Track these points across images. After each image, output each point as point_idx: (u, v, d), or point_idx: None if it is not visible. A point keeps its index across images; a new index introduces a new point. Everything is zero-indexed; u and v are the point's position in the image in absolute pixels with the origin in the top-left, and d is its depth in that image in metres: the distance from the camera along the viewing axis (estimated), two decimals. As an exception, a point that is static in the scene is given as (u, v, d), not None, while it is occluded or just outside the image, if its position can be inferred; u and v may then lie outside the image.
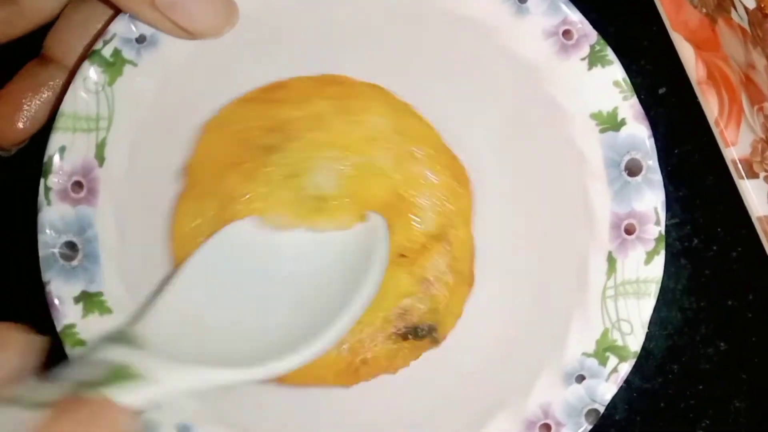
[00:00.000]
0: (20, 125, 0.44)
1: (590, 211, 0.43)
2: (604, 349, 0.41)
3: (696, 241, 0.52)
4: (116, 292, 0.42)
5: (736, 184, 0.49)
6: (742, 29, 0.54)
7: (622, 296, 0.41)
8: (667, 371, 0.50)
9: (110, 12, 0.43)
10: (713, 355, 0.50)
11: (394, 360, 0.42)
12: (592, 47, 0.42)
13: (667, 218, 0.51)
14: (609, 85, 0.42)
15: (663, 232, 0.41)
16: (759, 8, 0.54)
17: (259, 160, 0.43)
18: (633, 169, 0.42)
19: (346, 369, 0.43)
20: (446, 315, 0.42)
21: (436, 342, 0.42)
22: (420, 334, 0.42)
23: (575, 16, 0.42)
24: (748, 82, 0.52)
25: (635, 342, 0.41)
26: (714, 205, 0.52)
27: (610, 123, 0.42)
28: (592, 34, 0.42)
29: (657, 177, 0.41)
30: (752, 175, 0.50)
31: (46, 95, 0.44)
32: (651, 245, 0.41)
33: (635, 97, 0.42)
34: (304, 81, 0.43)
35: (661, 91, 0.53)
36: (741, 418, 0.50)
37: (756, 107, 0.51)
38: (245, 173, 0.43)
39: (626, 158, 0.42)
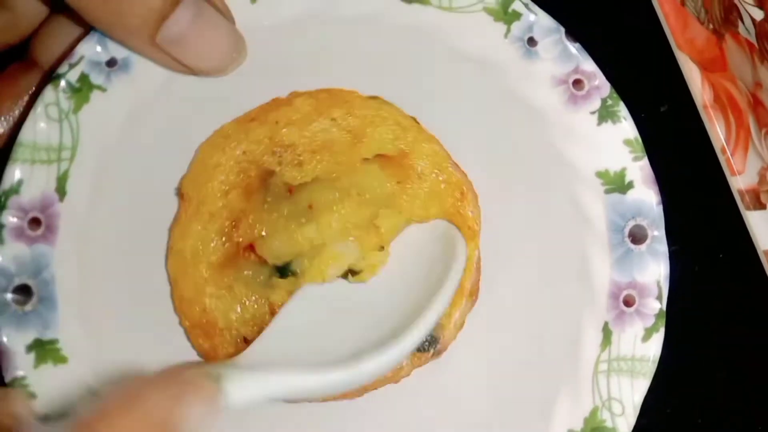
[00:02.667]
0: None
1: (589, 276, 0.40)
2: (592, 429, 0.39)
3: (697, 268, 0.50)
4: (74, 337, 0.39)
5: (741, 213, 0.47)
6: (750, 44, 0.52)
7: (615, 373, 0.39)
8: (667, 403, 0.48)
9: None
10: (715, 386, 0.49)
11: (399, 371, 0.40)
12: (603, 101, 0.39)
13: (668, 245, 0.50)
14: (619, 143, 0.39)
15: (664, 309, 0.39)
16: (766, 19, 0.52)
17: (262, 184, 0.40)
18: (637, 237, 0.39)
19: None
20: (448, 327, 0.40)
21: (438, 354, 0.40)
22: (423, 347, 0.40)
23: (588, 66, 0.39)
24: (756, 104, 0.50)
25: (625, 425, 0.38)
26: (717, 233, 0.50)
27: (617, 184, 0.39)
28: (605, 87, 0.39)
29: (663, 248, 0.39)
30: (759, 206, 0.48)
31: (26, 100, 0.41)
32: (650, 321, 0.39)
33: (646, 158, 0.39)
34: (307, 99, 0.41)
35: (663, 108, 0.51)
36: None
37: (764, 130, 0.49)
38: (248, 198, 0.40)
39: (631, 224, 0.39)
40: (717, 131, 0.48)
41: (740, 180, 0.48)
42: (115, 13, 0.35)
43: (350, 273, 0.40)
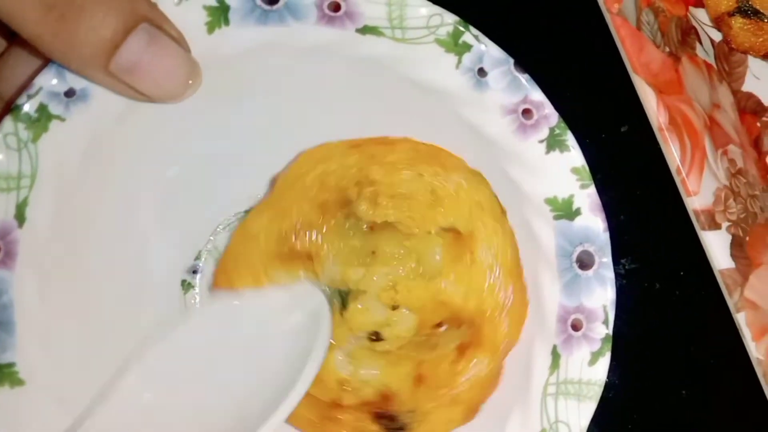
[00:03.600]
0: None
1: (540, 299, 0.41)
2: (540, 451, 0.40)
3: (657, 286, 0.51)
4: (32, 361, 0.39)
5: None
6: (708, 65, 0.53)
7: (563, 396, 0.40)
8: (627, 421, 0.49)
9: None
10: (675, 404, 0.50)
11: None
12: (551, 130, 0.40)
13: (627, 263, 0.50)
14: (566, 171, 0.40)
15: (610, 333, 0.39)
16: (726, 41, 0.53)
17: (340, 208, 0.41)
18: (585, 262, 0.40)
19: (319, 419, 0.41)
20: (422, 422, 0.40)
21: None
22: (391, 426, 0.40)
23: (537, 96, 0.40)
24: (713, 125, 0.51)
25: (572, 447, 0.39)
26: (675, 250, 0.50)
27: (565, 211, 0.40)
28: (553, 117, 0.40)
29: (609, 274, 0.40)
30: (714, 226, 0.49)
31: None
32: (597, 345, 0.40)
33: (593, 187, 0.40)
34: (412, 146, 0.42)
35: (623, 129, 0.52)
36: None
37: (720, 151, 0.50)
38: (321, 213, 0.41)
39: (578, 250, 0.40)
40: (672, 153, 0.49)
41: (696, 200, 0.49)
42: (67, 43, 0.35)
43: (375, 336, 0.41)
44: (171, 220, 0.44)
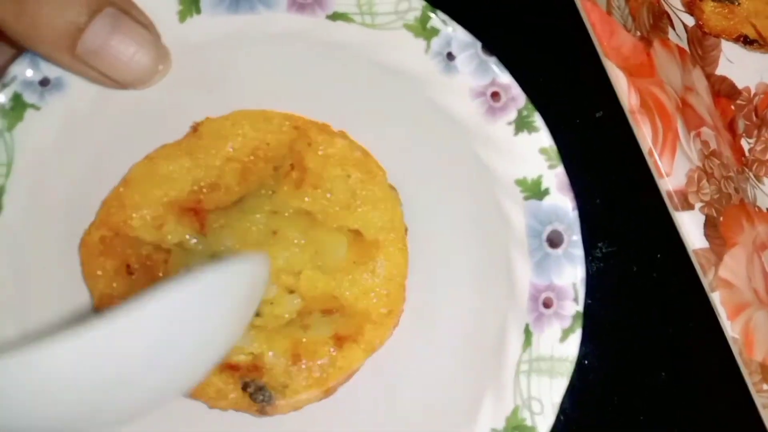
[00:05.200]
0: None
1: (512, 279, 0.42)
2: (513, 427, 0.40)
3: (635, 269, 0.51)
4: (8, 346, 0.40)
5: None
6: (680, 49, 0.53)
7: (535, 373, 0.40)
8: (606, 403, 0.50)
9: None
10: (654, 385, 0.50)
11: (218, 401, 0.41)
12: (519, 111, 0.41)
13: (604, 246, 0.51)
14: (535, 152, 0.41)
15: (581, 311, 0.40)
16: (698, 25, 0.53)
17: (261, 176, 0.42)
18: (554, 241, 0.41)
19: None
20: (286, 397, 0.41)
21: (263, 413, 0.41)
22: (256, 397, 0.41)
23: (504, 79, 0.40)
24: (685, 107, 0.51)
25: (544, 423, 0.40)
26: (651, 233, 0.51)
27: (534, 191, 0.41)
28: (521, 98, 0.40)
29: (578, 252, 0.40)
30: (687, 206, 0.49)
31: None
32: (567, 322, 0.40)
33: (561, 166, 0.40)
34: (349, 143, 0.43)
35: (598, 114, 0.52)
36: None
37: (693, 133, 0.51)
38: (243, 178, 0.42)
39: (548, 229, 0.41)
40: (644, 135, 0.49)
41: (668, 182, 0.49)
42: (30, 25, 0.35)
43: None
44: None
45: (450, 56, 0.40)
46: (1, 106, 0.39)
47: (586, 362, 0.40)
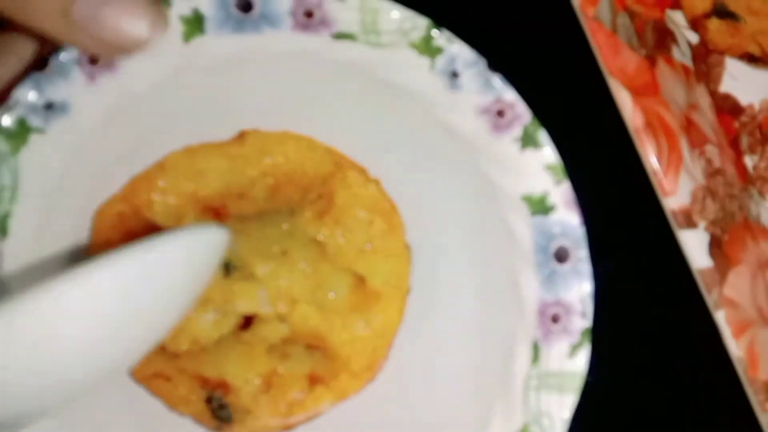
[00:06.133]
0: None
1: (520, 294, 0.41)
2: (523, 444, 0.40)
3: (637, 287, 0.51)
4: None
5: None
6: (685, 67, 0.53)
7: (545, 388, 0.40)
8: (609, 421, 0.50)
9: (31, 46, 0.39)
10: (656, 404, 0.50)
11: (178, 405, 0.41)
12: (525, 128, 0.41)
13: (605, 264, 0.51)
14: (540, 168, 0.41)
15: (589, 326, 0.40)
16: (702, 42, 0.53)
17: (285, 197, 0.42)
18: (561, 257, 0.41)
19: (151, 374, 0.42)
20: (244, 422, 0.41)
21: (218, 430, 0.41)
22: (217, 413, 0.41)
23: (509, 96, 0.41)
24: (689, 125, 0.51)
25: (555, 439, 0.40)
26: (653, 251, 0.51)
27: (540, 207, 0.41)
28: (526, 115, 0.41)
29: (586, 267, 0.40)
30: (691, 225, 0.49)
31: None
32: (576, 338, 0.40)
33: (567, 182, 0.40)
34: (377, 191, 0.43)
35: (600, 132, 0.52)
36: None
37: (697, 151, 0.51)
38: (271, 193, 0.42)
39: (555, 245, 0.41)
40: (649, 154, 0.49)
41: (672, 201, 0.49)
42: None
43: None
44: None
45: (455, 74, 0.41)
46: (5, 131, 0.39)
47: (589, 379, 0.40)
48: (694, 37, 0.55)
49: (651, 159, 0.49)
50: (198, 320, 0.41)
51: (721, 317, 0.48)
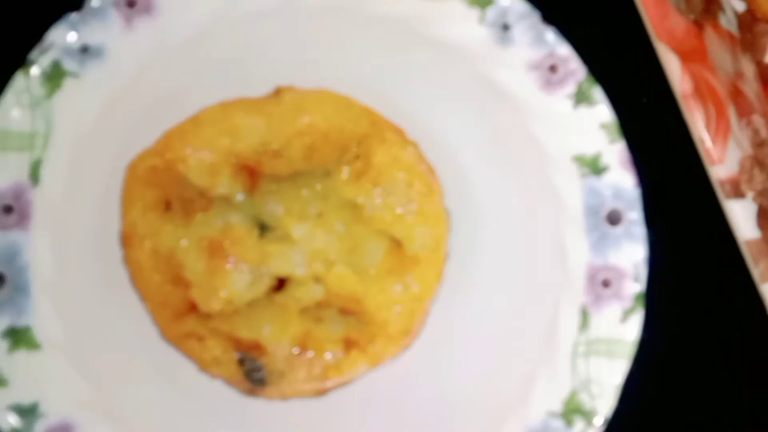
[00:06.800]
0: None
1: (565, 259, 0.40)
2: (571, 410, 0.38)
3: (680, 257, 0.50)
4: (48, 325, 0.38)
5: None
6: (731, 35, 0.52)
7: (594, 355, 0.39)
8: (663, 388, 0.48)
9: None
10: (701, 377, 0.48)
11: (210, 366, 0.40)
12: (579, 85, 0.39)
13: (650, 234, 0.49)
14: (595, 126, 0.39)
15: (643, 291, 0.38)
16: (749, 11, 0.52)
17: (321, 158, 0.41)
18: (614, 219, 0.39)
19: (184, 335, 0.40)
20: (279, 384, 0.39)
21: (251, 393, 0.40)
22: (251, 375, 0.39)
23: (563, 50, 0.39)
24: (737, 94, 0.50)
25: (604, 406, 0.38)
26: (698, 223, 0.49)
27: (593, 167, 0.39)
28: (581, 71, 0.39)
29: (640, 230, 0.39)
30: (739, 195, 0.48)
31: None
32: (628, 303, 0.39)
33: (623, 142, 0.39)
34: (417, 155, 0.41)
35: (644, 100, 0.51)
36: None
37: (744, 120, 0.49)
38: (307, 153, 0.41)
39: (607, 207, 0.39)
40: (696, 121, 0.48)
41: (720, 170, 0.48)
42: None
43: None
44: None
45: (506, 27, 0.39)
46: (39, 73, 0.37)
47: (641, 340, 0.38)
48: (740, 5, 0.54)
49: (699, 126, 0.47)
50: (232, 281, 0.39)
51: (766, 290, 0.47)
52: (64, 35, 0.38)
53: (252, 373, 0.39)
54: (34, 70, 0.37)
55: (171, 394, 0.41)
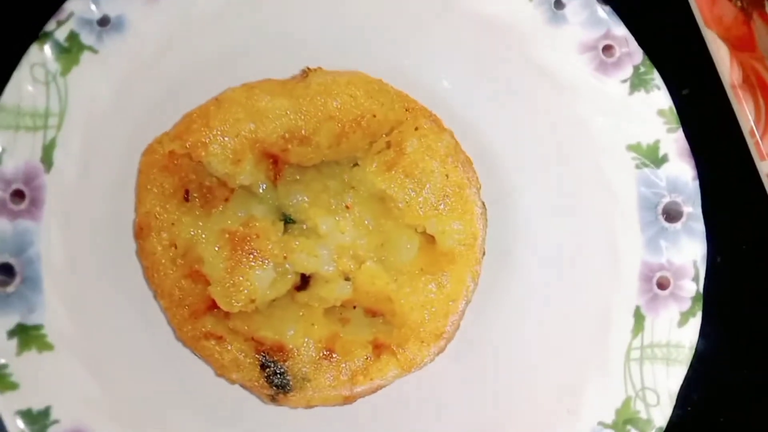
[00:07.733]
0: None
1: (617, 257, 0.37)
2: (625, 421, 0.36)
3: (718, 259, 0.47)
4: (60, 323, 0.35)
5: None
6: (778, 24, 0.49)
7: (649, 360, 0.36)
8: (722, 394, 0.45)
9: None
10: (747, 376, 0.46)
11: (228, 370, 0.37)
12: (636, 68, 0.36)
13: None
14: (652, 113, 0.37)
15: (701, 291, 0.36)
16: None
17: (350, 144, 0.38)
18: (672, 214, 0.37)
19: (203, 335, 0.37)
20: (303, 389, 0.37)
21: (273, 401, 0.37)
22: (272, 379, 0.37)
23: (620, 30, 0.36)
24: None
25: (661, 416, 0.36)
26: (744, 219, 0.47)
27: (650, 157, 0.37)
28: (638, 53, 0.36)
29: (699, 226, 0.36)
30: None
31: None
32: (686, 305, 0.36)
33: (681, 130, 0.36)
34: (452, 145, 0.38)
35: (685, 92, 0.48)
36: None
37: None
38: (336, 138, 0.38)
39: (665, 201, 0.37)
40: (746, 113, 0.46)
41: (769, 165, 0.46)
42: None
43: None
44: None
45: (558, 4, 0.36)
46: (56, 46, 0.34)
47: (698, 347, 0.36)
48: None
49: (748, 118, 0.45)
50: (255, 278, 0.36)
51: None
52: (83, 5, 0.34)
53: (275, 377, 0.37)
54: (51, 43, 0.34)
55: (185, 401, 0.38)
